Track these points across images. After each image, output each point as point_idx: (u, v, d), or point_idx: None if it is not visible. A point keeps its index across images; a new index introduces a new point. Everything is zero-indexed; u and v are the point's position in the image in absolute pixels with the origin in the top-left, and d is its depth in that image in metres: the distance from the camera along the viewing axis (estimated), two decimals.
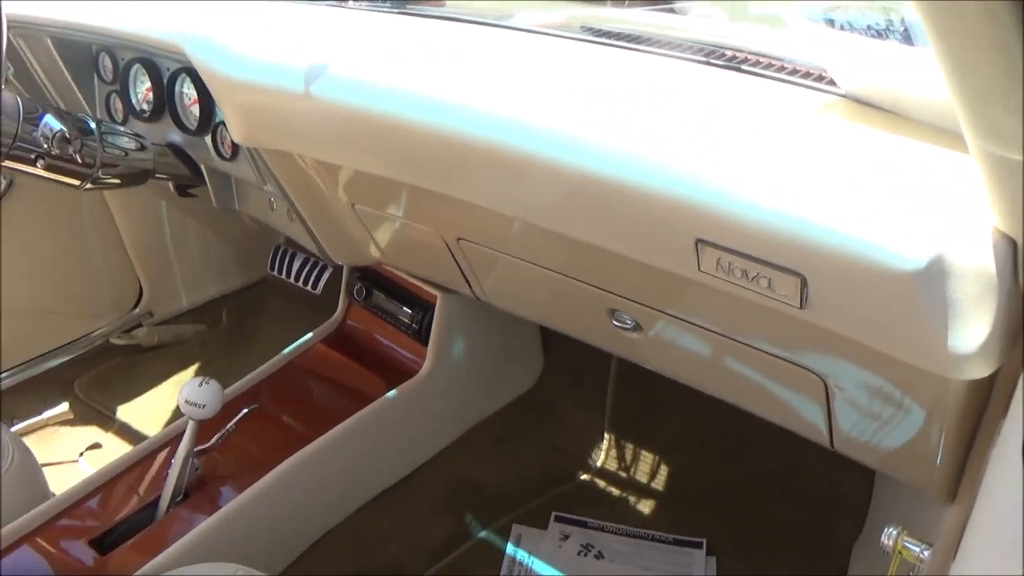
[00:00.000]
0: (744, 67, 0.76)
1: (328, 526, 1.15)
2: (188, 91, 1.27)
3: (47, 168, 1.15)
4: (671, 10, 0.94)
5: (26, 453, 1.17)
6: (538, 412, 1.45)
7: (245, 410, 1.14)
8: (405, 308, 1.28)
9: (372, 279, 1.34)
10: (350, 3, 1.07)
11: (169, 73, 1.28)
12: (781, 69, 0.75)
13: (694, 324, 0.83)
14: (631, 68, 0.81)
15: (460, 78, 0.78)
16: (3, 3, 0.99)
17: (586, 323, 1.00)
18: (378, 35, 0.97)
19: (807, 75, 0.74)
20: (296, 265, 1.71)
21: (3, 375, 1.64)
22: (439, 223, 1.00)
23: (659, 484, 1.38)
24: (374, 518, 1.20)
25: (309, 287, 1.67)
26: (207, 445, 1.10)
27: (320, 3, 1.10)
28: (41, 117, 1.12)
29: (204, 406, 1.00)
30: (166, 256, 1.82)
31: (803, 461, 1.19)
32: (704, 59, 0.79)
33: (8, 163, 1.12)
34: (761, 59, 0.77)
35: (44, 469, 1.44)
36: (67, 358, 1.72)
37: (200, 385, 1.01)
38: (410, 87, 0.79)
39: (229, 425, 1.12)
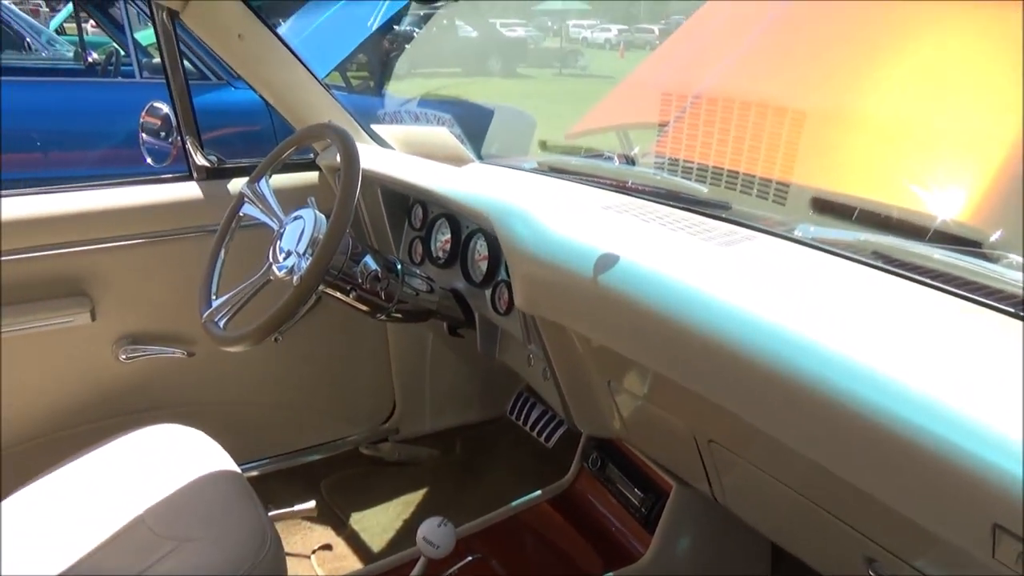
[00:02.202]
0: None
1: None
2: (480, 248, 1.42)
3: (356, 299, 1.33)
4: (982, 255, 0.90)
5: (278, 542, 1.30)
6: None
7: (470, 558, 1.18)
8: (637, 490, 1.27)
9: (608, 451, 1.35)
10: (651, 200, 1.16)
11: (468, 231, 1.45)
12: None
13: None
14: (930, 309, 0.78)
15: (745, 287, 0.80)
16: (362, 166, 1.20)
17: (837, 562, 0.92)
18: (667, 234, 1.03)
19: None
20: (534, 415, 1.77)
21: (265, 461, 1.85)
22: (694, 421, 1.00)
23: None
24: None
25: (542, 439, 1.72)
26: None
27: (623, 195, 1.19)
28: (363, 256, 1.32)
29: (439, 547, 1.05)
30: (422, 381, 1.98)
31: None
32: (1013, 309, 0.74)
33: (327, 289, 1.31)
34: None
35: None
36: (319, 457, 1.90)
37: (439, 526, 1.06)
38: (693, 291, 0.82)
39: (454, 569, 1.16)
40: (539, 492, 1.38)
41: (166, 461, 1.41)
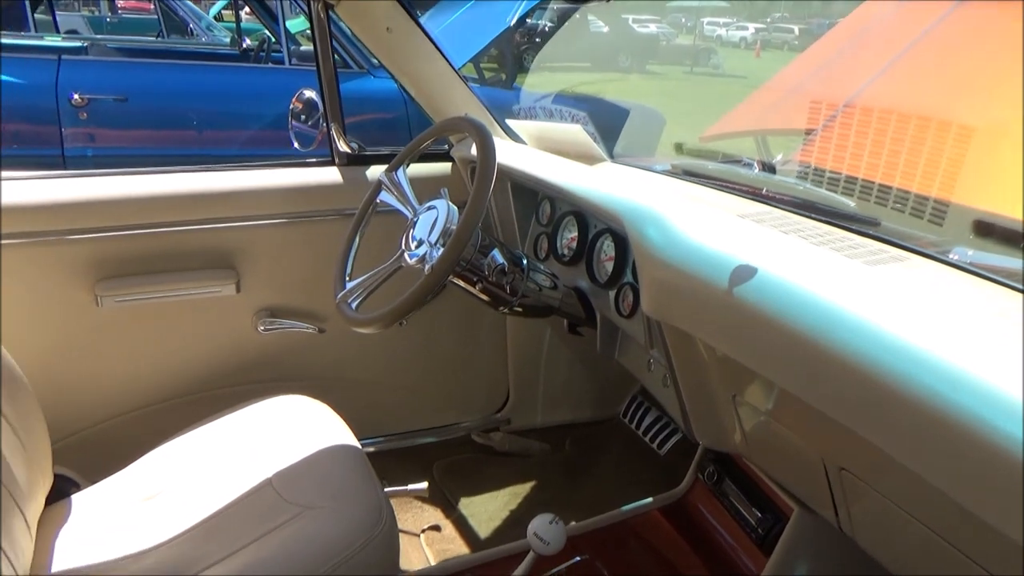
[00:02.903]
0: None
1: None
2: (607, 248, 1.41)
3: (481, 290, 1.35)
4: None
5: (393, 518, 1.34)
6: None
7: (577, 559, 1.18)
8: (755, 510, 1.23)
9: (726, 465, 1.32)
10: (791, 211, 1.12)
11: (595, 230, 1.44)
12: None
13: None
14: None
15: (894, 310, 0.75)
16: (497, 158, 1.22)
17: None
18: (808, 248, 0.98)
19: None
20: (648, 420, 1.75)
21: (382, 439, 1.92)
22: (825, 445, 0.95)
23: None
24: None
25: (655, 446, 1.70)
26: None
27: (761, 203, 1.15)
28: (491, 250, 1.34)
29: (549, 544, 1.06)
30: (537, 375, 1.99)
31: None
32: None
33: (455, 279, 1.34)
34: None
35: None
36: (433, 440, 1.96)
37: (550, 523, 1.07)
38: (835, 309, 0.78)
39: (561, 567, 1.16)
40: (650, 499, 1.36)
41: (294, 430, 1.49)
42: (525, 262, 1.39)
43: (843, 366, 0.75)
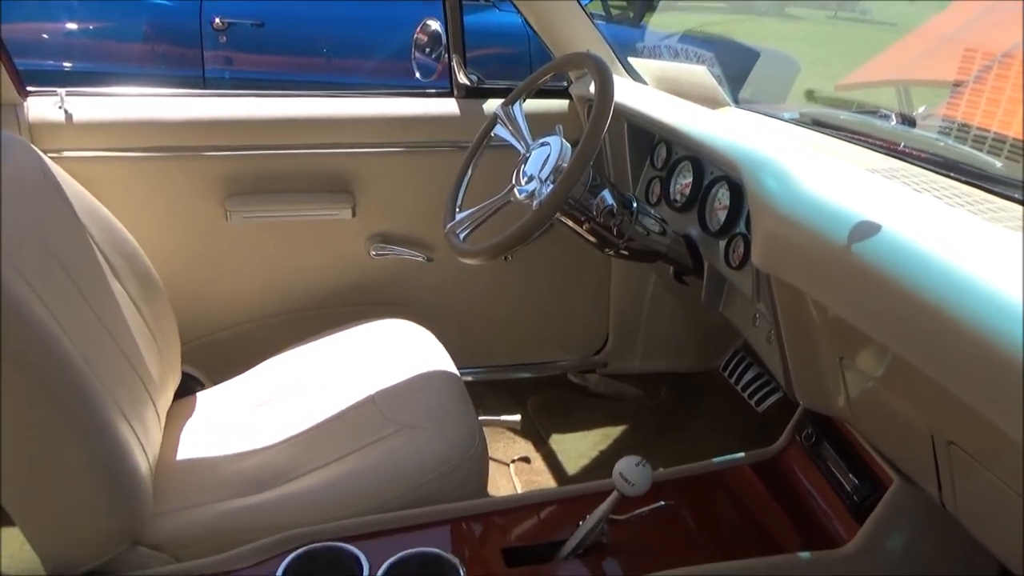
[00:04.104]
0: None
1: None
2: (721, 196, 1.37)
3: (588, 231, 1.34)
4: None
5: (485, 445, 1.39)
6: None
7: (662, 503, 1.18)
8: (852, 476, 1.19)
9: (825, 428, 1.28)
10: (928, 169, 1.04)
11: (711, 177, 1.40)
12: None
13: None
14: None
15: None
16: (615, 97, 1.19)
17: None
18: (942, 208, 0.92)
19: None
20: (748, 376, 1.71)
21: (480, 369, 1.97)
22: (936, 418, 0.91)
23: None
24: None
25: (752, 402, 1.66)
26: (618, 517, 1.16)
27: (895, 159, 1.08)
28: (600, 190, 1.32)
29: (633, 485, 1.07)
30: (638, 320, 1.98)
31: None
32: None
33: (565, 219, 1.34)
34: None
35: None
36: (529, 376, 1.99)
37: (637, 465, 1.07)
38: (967, 277, 0.73)
39: (643, 510, 1.17)
40: (743, 454, 1.34)
41: (398, 352, 1.55)
42: (635, 205, 1.37)
43: (970, 339, 0.70)
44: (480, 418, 1.81)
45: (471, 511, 1.19)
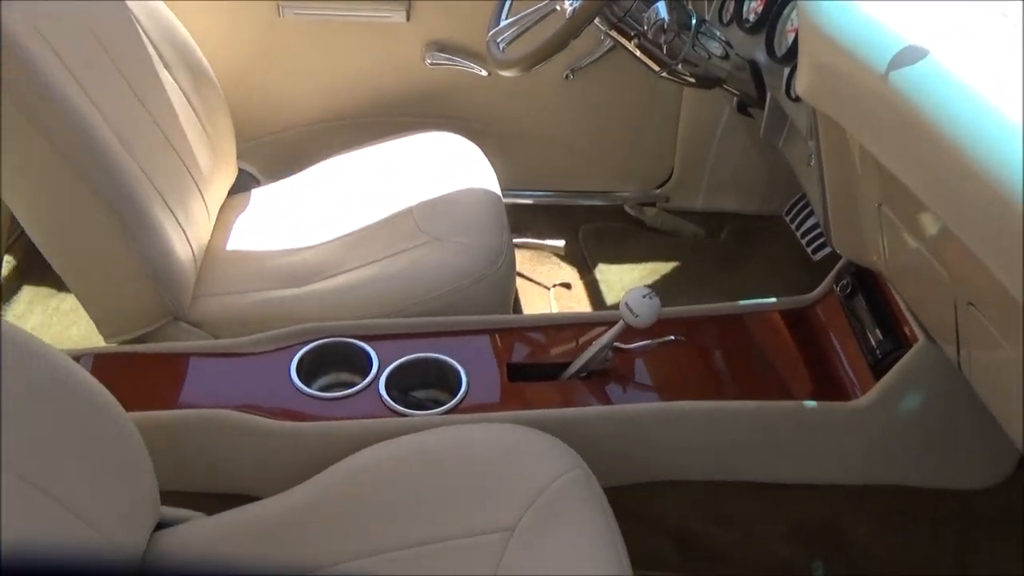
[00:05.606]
0: None
1: (671, 478, 1.14)
2: (794, 19, 1.22)
3: (637, 47, 1.24)
4: None
5: (511, 264, 1.40)
6: (975, 522, 1.19)
7: (671, 337, 1.17)
8: (878, 331, 1.12)
9: (864, 281, 1.20)
10: None
11: None
12: None
13: None
14: None
15: None
16: None
17: None
18: (1014, 34, 0.78)
19: None
20: (809, 223, 1.61)
21: (532, 192, 1.93)
22: (961, 275, 0.83)
23: None
24: (721, 500, 1.16)
25: (810, 250, 1.57)
26: (625, 346, 1.16)
27: None
28: (655, 2, 1.20)
29: (637, 316, 1.05)
30: (706, 155, 1.87)
31: None
32: None
33: (613, 32, 1.24)
34: None
35: (523, 284, 1.71)
36: (583, 203, 1.95)
37: (643, 297, 1.05)
38: (1003, 116, 0.63)
39: (651, 342, 1.16)
40: (774, 299, 1.29)
41: (443, 166, 1.54)
42: (694, 22, 1.24)
43: (978, 184, 0.62)
44: (523, 239, 1.81)
45: (482, 325, 1.22)
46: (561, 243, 1.79)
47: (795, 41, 1.19)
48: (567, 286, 1.76)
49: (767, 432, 1.12)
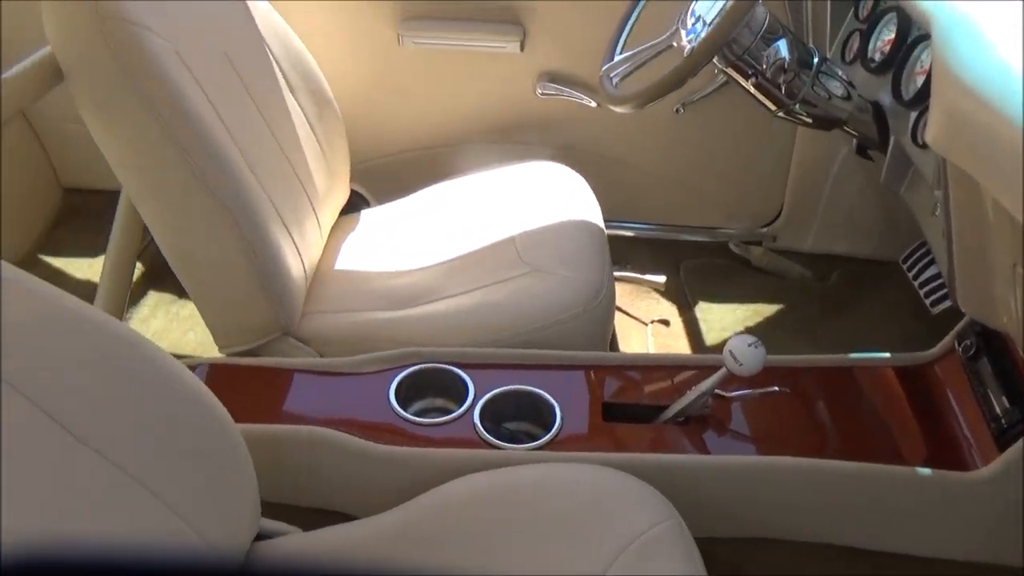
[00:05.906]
0: None
1: (768, 535, 1.09)
2: (924, 59, 1.17)
3: (755, 86, 1.21)
4: None
5: (612, 299, 1.38)
6: None
7: (776, 388, 1.12)
8: (1004, 398, 1.05)
9: (990, 342, 1.12)
10: None
11: (917, 34, 1.19)
12: None
13: None
14: None
15: None
16: None
17: None
18: None
19: None
20: (929, 272, 1.52)
21: (634, 225, 1.91)
22: None
23: None
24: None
25: (928, 302, 1.49)
26: (726, 394, 1.13)
27: None
28: (776, 40, 1.17)
29: (742, 365, 1.02)
30: (819, 195, 1.81)
31: None
32: None
33: (730, 70, 1.21)
34: None
35: (621, 318, 1.69)
36: (687, 238, 1.91)
37: (749, 345, 1.02)
38: None
39: (754, 391, 1.12)
40: (888, 355, 1.22)
41: (548, 196, 1.55)
42: (815, 60, 1.20)
43: None
44: (623, 272, 1.79)
45: (579, 361, 1.21)
46: (662, 279, 1.76)
47: (925, 84, 1.13)
48: (665, 323, 1.73)
49: (874, 497, 1.06)
